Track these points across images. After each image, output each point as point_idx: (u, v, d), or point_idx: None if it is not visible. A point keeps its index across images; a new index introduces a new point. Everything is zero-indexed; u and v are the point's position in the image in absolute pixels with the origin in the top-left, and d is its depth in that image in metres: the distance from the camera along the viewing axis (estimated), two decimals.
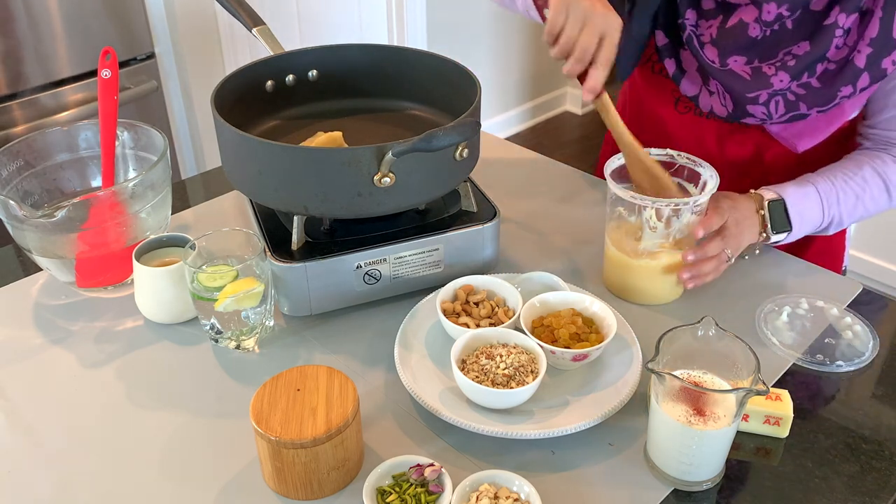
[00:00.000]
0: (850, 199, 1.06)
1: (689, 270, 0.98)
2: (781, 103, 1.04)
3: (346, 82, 1.14)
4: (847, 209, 1.06)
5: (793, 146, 1.10)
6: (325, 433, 0.73)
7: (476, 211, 1.02)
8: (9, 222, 0.97)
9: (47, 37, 1.88)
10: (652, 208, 0.94)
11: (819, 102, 1.03)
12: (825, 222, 1.06)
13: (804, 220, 1.04)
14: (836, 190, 1.05)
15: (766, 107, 1.05)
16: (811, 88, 1.03)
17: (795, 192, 1.04)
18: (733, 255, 1.01)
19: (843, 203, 1.06)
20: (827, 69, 1.02)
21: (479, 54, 3.34)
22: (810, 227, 1.06)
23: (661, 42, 1.11)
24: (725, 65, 1.05)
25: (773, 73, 1.03)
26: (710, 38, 1.06)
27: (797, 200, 1.04)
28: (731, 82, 1.05)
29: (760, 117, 1.06)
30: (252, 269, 0.90)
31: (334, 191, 0.89)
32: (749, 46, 1.04)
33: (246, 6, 1.13)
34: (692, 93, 1.11)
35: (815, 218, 1.05)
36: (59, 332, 0.99)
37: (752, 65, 1.04)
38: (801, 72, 1.02)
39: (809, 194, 1.04)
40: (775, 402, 0.83)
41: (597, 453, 0.81)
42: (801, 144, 1.09)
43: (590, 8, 0.94)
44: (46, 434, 0.84)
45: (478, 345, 0.88)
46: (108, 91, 1.05)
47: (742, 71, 1.05)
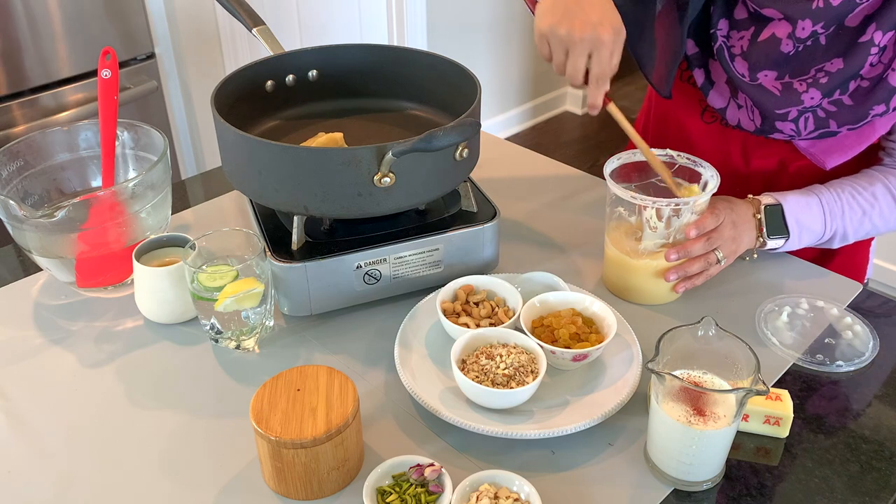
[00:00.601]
0: (857, 214, 1.04)
1: (675, 271, 0.98)
2: (811, 120, 1.02)
3: (346, 82, 1.14)
4: (853, 224, 1.05)
5: (821, 163, 1.07)
6: (325, 433, 0.73)
7: (476, 211, 1.02)
8: (9, 222, 0.97)
9: (47, 37, 1.88)
10: (652, 208, 0.94)
11: (850, 120, 1.00)
12: (827, 234, 1.05)
13: (803, 229, 1.03)
14: (842, 203, 1.04)
15: (794, 123, 1.03)
16: (843, 106, 1.00)
17: (796, 200, 1.03)
18: (725, 259, 1.00)
19: (847, 217, 1.04)
20: (860, 87, 0.99)
21: (479, 54, 3.34)
22: (810, 236, 1.04)
23: (692, 51, 1.09)
24: (755, 79, 1.03)
25: (804, 89, 1.00)
26: (742, 50, 1.04)
27: (797, 208, 1.03)
28: (760, 97, 1.02)
29: (789, 134, 1.04)
30: (252, 269, 0.90)
31: (334, 191, 0.89)
32: (781, 62, 1.01)
33: (246, 6, 1.13)
34: (720, 105, 1.09)
35: (816, 228, 1.04)
36: (59, 332, 0.99)
37: (782, 80, 1.02)
38: (833, 89, 0.99)
39: (811, 204, 1.03)
40: (775, 402, 0.83)
41: (597, 453, 0.81)
42: (829, 161, 1.07)
43: (568, 34, 0.92)
44: (46, 434, 0.84)
45: (478, 345, 0.88)
46: (108, 91, 1.05)
47: (772, 86, 1.02)
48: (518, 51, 3.50)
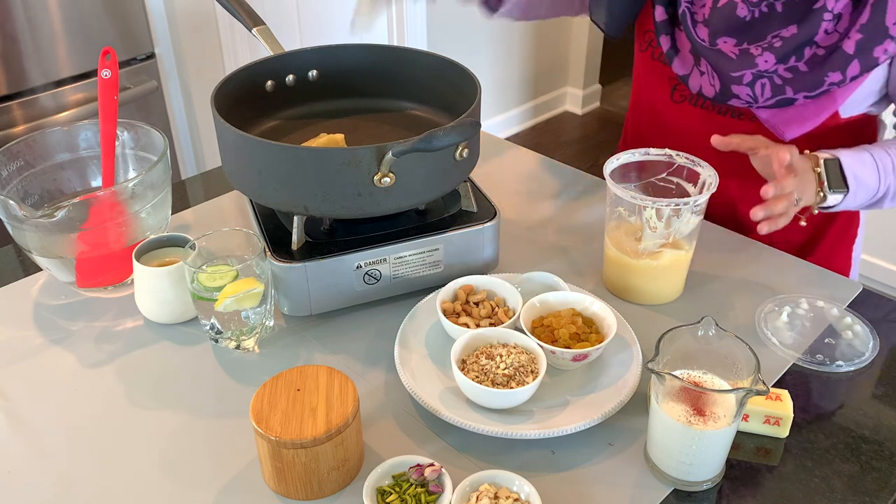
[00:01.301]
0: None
1: (765, 208, 0.94)
2: (768, 86, 1.04)
3: (346, 82, 1.14)
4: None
5: (781, 133, 1.09)
6: (325, 433, 0.73)
7: (476, 211, 1.02)
8: (9, 222, 0.97)
9: (47, 37, 1.88)
10: (652, 208, 0.94)
11: (806, 87, 1.03)
12: (881, 190, 1.03)
13: (860, 183, 1.01)
14: (892, 159, 1.03)
15: (751, 88, 1.05)
16: (798, 73, 1.02)
17: (850, 155, 1.01)
18: (801, 200, 0.98)
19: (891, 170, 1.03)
20: (815, 54, 1.02)
21: (479, 54, 3.34)
22: (866, 193, 1.03)
23: (660, 18, 1.12)
24: (715, 44, 1.07)
25: (758, 53, 1.03)
26: (703, 17, 1.08)
27: (852, 162, 1.01)
28: (717, 61, 1.06)
29: (746, 99, 1.06)
30: (252, 269, 0.90)
31: (334, 191, 0.89)
32: (738, 28, 1.05)
33: (246, 6, 1.13)
34: (683, 72, 1.12)
35: (871, 183, 1.02)
36: (59, 332, 0.99)
37: (740, 46, 1.05)
38: (787, 54, 1.02)
39: (865, 159, 1.02)
40: (775, 402, 0.83)
41: (597, 453, 0.81)
42: (788, 132, 1.08)
43: None
44: (46, 434, 0.84)
45: (478, 345, 0.88)
46: (108, 91, 1.05)
47: (730, 51, 1.06)
48: (518, 51, 3.50)
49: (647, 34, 1.20)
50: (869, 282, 2.54)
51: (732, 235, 1.16)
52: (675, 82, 1.18)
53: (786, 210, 0.96)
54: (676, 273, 1.01)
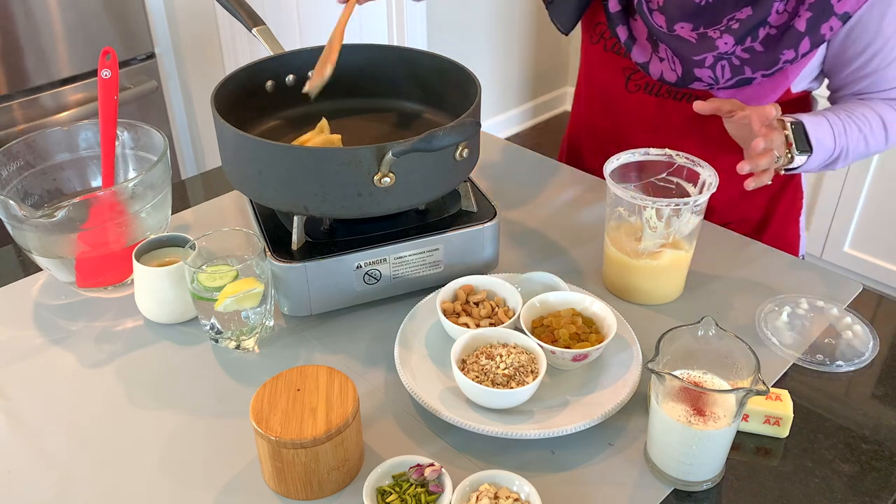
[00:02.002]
0: (855, 133, 1.08)
1: (750, 162, 0.97)
2: (727, 67, 1.08)
3: (346, 82, 1.14)
4: (853, 142, 1.08)
5: None
6: (325, 433, 0.73)
7: (476, 211, 1.02)
8: (9, 222, 0.97)
9: (47, 37, 1.88)
10: (652, 208, 0.94)
11: (763, 66, 1.07)
12: (836, 151, 1.07)
13: (820, 145, 1.05)
14: (843, 122, 1.07)
15: (712, 70, 1.08)
16: (755, 53, 1.07)
17: (810, 119, 1.05)
18: (780, 158, 1.02)
19: (850, 135, 1.07)
20: (769, 34, 1.06)
21: (479, 54, 3.34)
22: (823, 154, 1.06)
23: (614, 9, 1.15)
24: (673, 30, 1.10)
25: (717, 36, 1.07)
26: (658, 5, 1.11)
27: (812, 126, 1.04)
28: (678, 46, 1.09)
29: (708, 81, 1.09)
30: (252, 269, 0.90)
31: (334, 191, 0.89)
32: (694, 13, 1.08)
33: (246, 6, 1.13)
34: (642, 59, 1.14)
35: (829, 144, 1.06)
36: (59, 332, 0.99)
37: (697, 31, 1.09)
38: (744, 36, 1.06)
39: (822, 123, 1.05)
40: (775, 402, 0.83)
41: (597, 453, 0.81)
42: None
43: None
44: (46, 434, 0.84)
45: (478, 345, 0.88)
46: (108, 91, 1.05)
47: (689, 36, 1.09)
48: (518, 51, 3.50)
49: (598, 27, 1.22)
50: (869, 282, 2.54)
51: (732, 235, 1.16)
52: (629, 72, 1.21)
53: (769, 166, 1.00)
54: (676, 273, 1.01)
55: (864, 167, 2.42)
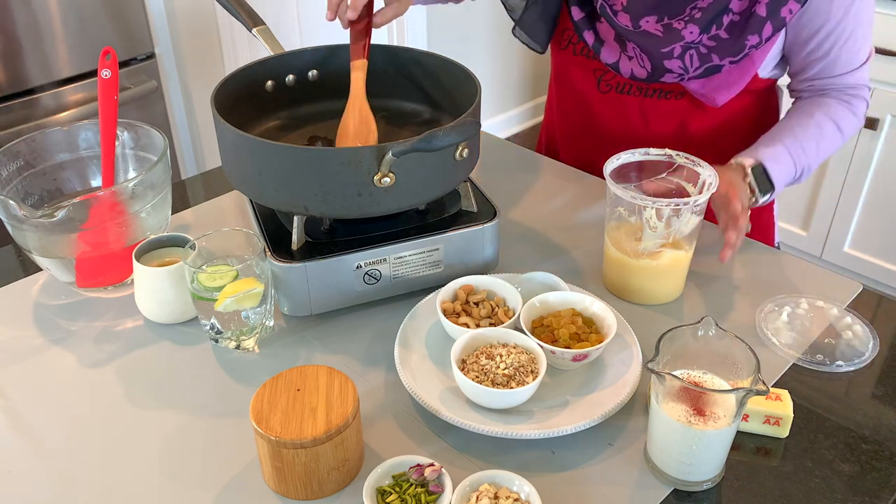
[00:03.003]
0: (812, 146, 1.12)
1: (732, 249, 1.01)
2: (696, 56, 1.10)
3: (346, 82, 1.14)
4: (811, 156, 1.12)
5: (712, 101, 1.16)
6: (325, 433, 0.73)
7: (476, 211, 1.02)
8: (9, 222, 0.97)
9: (47, 37, 1.88)
10: (652, 208, 0.94)
11: (730, 53, 1.09)
12: (797, 173, 1.12)
13: (782, 177, 1.09)
14: (800, 142, 1.12)
15: (681, 60, 1.11)
16: (720, 40, 1.09)
17: (768, 154, 1.09)
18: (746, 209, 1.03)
19: (808, 151, 1.12)
20: (733, 21, 1.09)
21: (479, 54, 3.34)
22: (786, 181, 1.11)
23: (578, 16, 1.17)
24: (639, 26, 1.12)
25: (682, 27, 1.09)
26: (622, 5, 1.13)
27: (772, 161, 1.08)
28: (645, 42, 1.11)
29: (678, 72, 1.12)
30: (252, 269, 0.90)
31: (334, 191, 0.89)
32: (657, 5, 1.11)
33: (246, 6, 1.13)
34: (612, 60, 1.17)
35: (790, 171, 1.11)
36: (59, 332, 0.99)
37: (662, 22, 1.11)
38: (708, 24, 1.08)
39: (780, 153, 1.10)
40: (775, 402, 0.83)
41: (597, 453, 0.81)
42: (719, 98, 1.15)
43: None
44: (46, 434, 0.84)
45: (478, 345, 0.88)
46: (108, 91, 1.05)
47: (654, 30, 1.11)
48: (518, 51, 3.50)
49: (565, 32, 1.25)
50: (869, 282, 2.54)
51: None
52: (600, 73, 1.23)
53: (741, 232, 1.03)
54: (676, 273, 1.01)
55: (865, 167, 2.42)
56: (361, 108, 1.04)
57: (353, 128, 1.03)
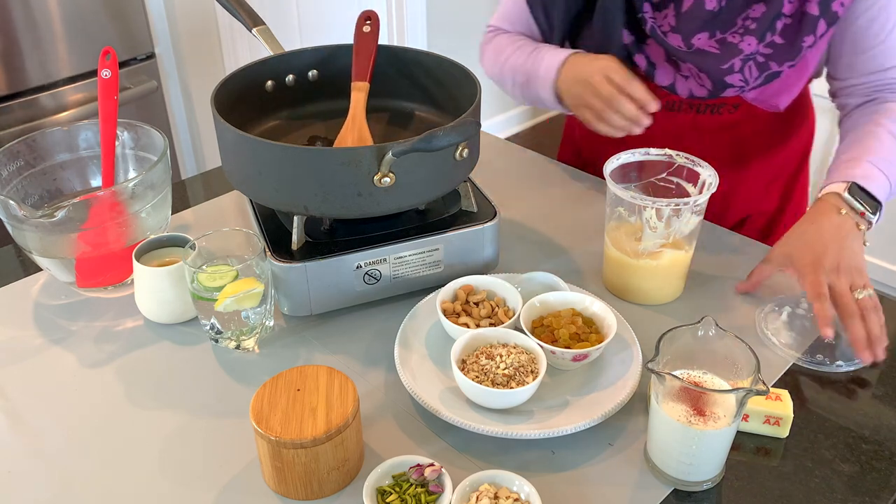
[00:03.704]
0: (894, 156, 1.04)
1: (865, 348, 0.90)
2: (754, 67, 1.07)
3: (346, 82, 1.14)
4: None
5: (774, 107, 1.13)
6: (325, 433, 0.73)
7: (476, 211, 1.02)
8: (9, 222, 0.97)
9: (47, 37, 1.88)
10: (652, 208, 0.94)
11: (788, 57, 1.06)
12: (891, 185, 1.02)
13: (882, 192, 1.00)
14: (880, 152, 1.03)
15: (741, 73, 1.07)
16: (777, 46, 1.06)
17: (856, 173, 1.00)
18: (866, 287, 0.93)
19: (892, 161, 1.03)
20: (786, 24, 1.06)
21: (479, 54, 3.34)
22: (886, 195, 1.02)
23: (628, 40, 1.13)
24: (691, 46, 1.08)
25: (738, 40, 1.06)
26: (670, 26, 1.10)
27: (864, 179, 1.00)
28: (702, 61, 1.08)
29: (739, 85, 1.09)
30: (252, 269, 0.90)
31: (334, 191, 0.89)
32: (708, 21, 1.07)
33: (246, 6, 1.13)
34: (667, 82, 1.13)
35: (884, 184, 1.01)
36: (59, 332, 0.99)
37: (716, 38, 1.08)
38: (763, 32, 1.06)
39: (867, 169, 1.01)
40: (775, 402, 0.83)
41: (597, 453, 0.81)
42: (781, 102, 1.13)
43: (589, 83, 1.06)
44: (46, 434, 0.84)
45: (478, 345, 0.88)
46: (108, 91, 1.05)
47: (710, 47, 1.08)
48: None
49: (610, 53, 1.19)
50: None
51: (732, 235, 1.16)
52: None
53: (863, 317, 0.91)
54: (676, 273, 1.01)
55: None
56: (361, 129, 1.03)
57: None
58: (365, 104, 1.05)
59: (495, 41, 1.31)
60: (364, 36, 1.10)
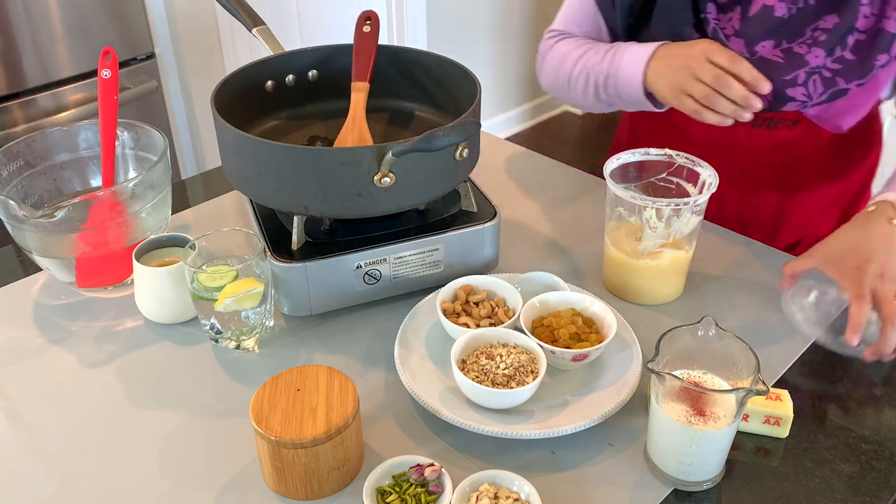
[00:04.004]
0: None
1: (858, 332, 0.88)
2: (819, 81, 1.02)
3: (346, 82, 1.14)
4: None
5: (836, 127, 1.07)
6: (325, 433, 0.73)
7: (476, 211, 1.02)
8: (9, 222, 0.97)
9: (47, 37, 1.88)
10: (652, 208, 0.94)
11: (857, 75, 1.01)
12: None
13: None
14: None
15: (805, 87, 1.02)
16: (846, 62, 1.01)
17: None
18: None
19: None
20: (859, 40, 1.00)
21: (479, 54, 3.34)
22: None
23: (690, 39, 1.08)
24: (755, 53, 1.03)
25: (806, 51, 1.01)
26: (734, 29, 1.05)
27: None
28: (764, 70, 1.01)
29: (801, 100, 1.03)
30: (252, 269, 0.90)
31: (334, 191, 0.89)
32: (776, 28, 1.02)
33: (246, 6, 1.13)
34: None
35: None
36: (59, 332, 0.99)
37: (781, 47, 1.02)
38: (833, 46, 1.00)
39: None
40: (775, 402, 0.83)
41: (597, 453, 0.81)
42: (844, 122, 1.07)
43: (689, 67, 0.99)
44: (46, 434, 0.84)
45: (478, 345, 0.88)
46: (108, 91, 1.05)
47: (774, 55, 1.02)
48: (518, 51, 3.50)
49: None
50: None
51: (732, 235, 1.15)
52: None
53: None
54: (676, 273, 1.01)
55: None
56: (361, 130, 1.03)
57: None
58: (365, 104, 1.05)
59: (557, 47, 1.23)
60: (364, 36, 1.10)
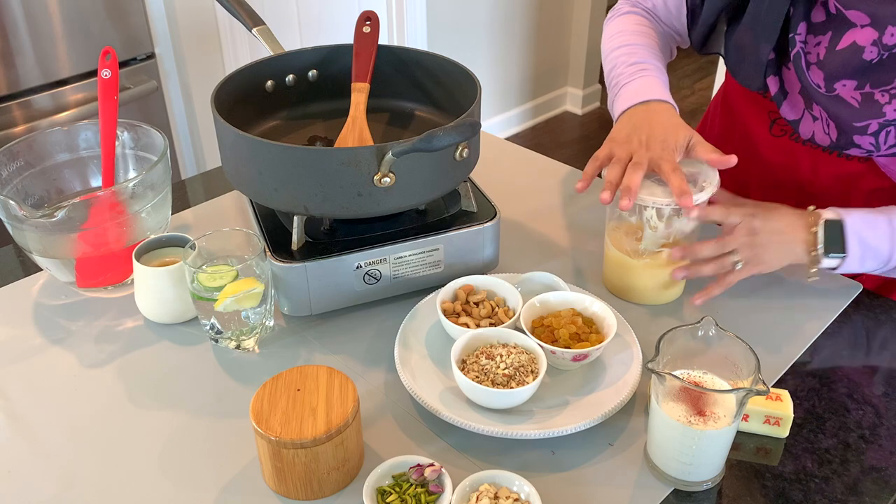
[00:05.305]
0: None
1: (683, 271, 0.97)
2: (892, 133, 0.94)
3: (346, 82, 1.14)
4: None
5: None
6: (325, 433, 0.73)
7: (476, 211, 1.02)
8: (9, 222, 0.97)
9: (47, 37, 1.88)
10: (652, 208, 0.94)
11: None
12: (891, 254, 0.93)
13: (866, 248, 0.93)
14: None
15: (875, 137, 0.94)
16: None
17: (860, 218, 0.93)
18: (744, 265, 0.94)
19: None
20: None
21: (479, 54, 3.34)
22: (874, 260, 0.94)
23: (770, 57, 1.01)
24: (832, 90, 0.95)
25: (886, 101, 0.92)
26: (818, 58, 0.97)
27: (860, 226, 0.93)
28: (836, 109, 0.95)
29: (867, 149, 0.96)
30: (252, 269, 0.90)
31: (334, 191, 0.89)
32: (861, 71, 0.93)
33: (246, 6, 1.13)
34: (793, 117, 1.02)
35: (883, 249, 0.93)
36: (59, 332, 0.99)
37: (862, 91, 0.94)
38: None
39: (878, 223, 0.93)
40: (775, 402, 0.83)
41: (597, 453, 0.81)
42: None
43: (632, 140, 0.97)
44: (46, 434, 0.84)
45: (478, 345, 0.88)
46: (108, 91, 1.05)
47: (850, 97, 0.94)
48: (518, 51, 3.50)
49: None
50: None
51: None
52: (774, 116, 1.10)
53: (716, 272, 0.95)
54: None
55: None
56: (361, 130, 1.02)
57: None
58: (365, 105, 1.05)
59: (616, 21, 1.18)
60: (364, 37, 1.10)
